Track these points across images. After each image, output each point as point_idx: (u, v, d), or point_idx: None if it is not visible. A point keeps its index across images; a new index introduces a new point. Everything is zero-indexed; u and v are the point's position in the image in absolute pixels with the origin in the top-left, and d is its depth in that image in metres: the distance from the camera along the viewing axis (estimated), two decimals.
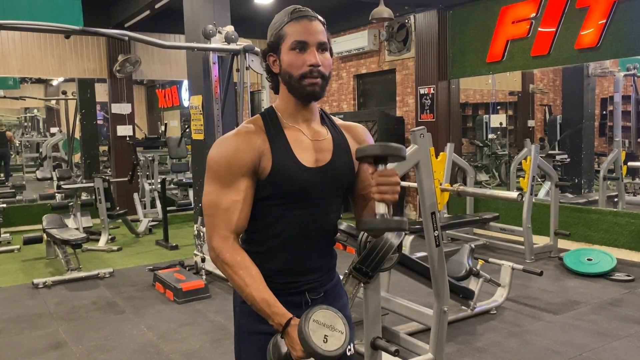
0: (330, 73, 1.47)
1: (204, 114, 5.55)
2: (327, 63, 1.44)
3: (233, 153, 1.41)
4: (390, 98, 8.54)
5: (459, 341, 3.71)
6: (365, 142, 1.57)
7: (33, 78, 11.63)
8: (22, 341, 3.91)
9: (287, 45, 1.42)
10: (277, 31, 1.44)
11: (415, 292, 4.36)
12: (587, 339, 3.70)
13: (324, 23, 1.46)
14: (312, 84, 1.42)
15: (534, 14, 6.30)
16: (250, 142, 1.42)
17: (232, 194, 1.40)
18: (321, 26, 1.44)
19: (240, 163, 1.40)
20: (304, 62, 1.41)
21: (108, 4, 8.17)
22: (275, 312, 1.36)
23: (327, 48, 1.45)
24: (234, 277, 1.39)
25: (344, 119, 2.07)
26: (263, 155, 1.42)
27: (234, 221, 1.40)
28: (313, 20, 1.43)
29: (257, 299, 1.37)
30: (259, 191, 1.43)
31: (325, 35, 1.44)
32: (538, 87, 9.57)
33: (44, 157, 11.38)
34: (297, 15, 1.42)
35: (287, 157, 1.42)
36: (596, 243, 5.90)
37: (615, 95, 7.21)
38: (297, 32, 1.41)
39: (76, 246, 5.43)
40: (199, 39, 5.36)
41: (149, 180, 8.76)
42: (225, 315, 4.28)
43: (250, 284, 1.38)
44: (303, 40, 1.40)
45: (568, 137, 8.17)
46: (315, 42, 1.41)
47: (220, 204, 1.40)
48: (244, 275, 1.38)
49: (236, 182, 1.40)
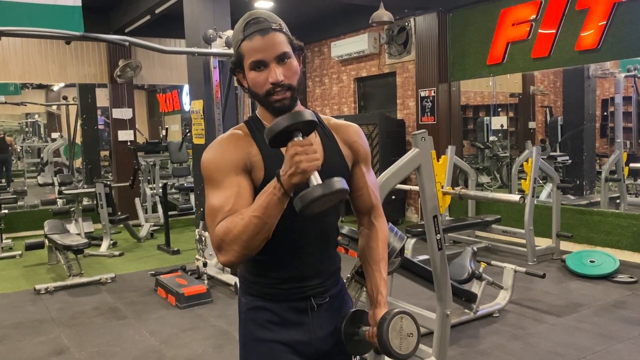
0: (300, 77, 1.41)
1: (205, 118, 5.55)
2: (292, 72, 1.39)
3: (220, 154, 1.40)
4: (391, 101, 8.54)
5: (462, 344, 3.70)
6: (357, 143, 1.55)
7: (34, 84, 11.68)
8: (24, 347, 3.91)
9: (247, 65, 1.38)
10: (237, 49, 1.40)
11: (418, 295, 4.35)
12: (590, 342, 3.69)
13: (280, 29, 1.38)
14: (278, 99, 1.38)
15: (534, 16, 6.30)
16: (237, 143, 1.41)
17: (225, 192, 1.37)
18: (278, 36, 1.36)
19: (228, 162, 1.38)
20: (265, 80, 1.36)
21: (108, 10, 8.19)
22: (264, 191, 1.28)
23: (289, 56, 1.38)
24: (236, 227, 1.30)
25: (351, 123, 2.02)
26: (254, 160, 1.40)
27: (227, 209, 1.35)
28: (267, 33, 1.35)
29: (256, 213, 1.28)
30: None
31: (284, 44, 1.37)
32: (539, 88, 9.57)
33: (45, 163, 11.41)
34: (250, 31, 1.36)
35: (278, 162, 1.36)
36: (598, 245, 5.89)
37: (616, 96, 7.21)
38: (253, 51, 1.36)
39: (78, 251, 5.43)
40: (200, 44, 5.37)
41: (151, 185, 8.76)
42: (227, 320, 4.27)
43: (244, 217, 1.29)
44: (259, 59, 1.36)
45: (569, 139, 8.16)
46: (272, 57, 1.36)
47: (216, 203, 1.38)
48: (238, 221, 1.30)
49: (227, 180, 1.38)
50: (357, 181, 1.56)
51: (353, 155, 1.54)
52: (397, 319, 1.40)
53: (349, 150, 1.53)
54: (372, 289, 1.53)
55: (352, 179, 1.55)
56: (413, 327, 1.42)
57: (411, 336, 1.41)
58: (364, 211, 1.61)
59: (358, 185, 1.56)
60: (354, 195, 1.58)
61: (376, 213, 1.61)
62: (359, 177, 1.56)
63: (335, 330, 1.52)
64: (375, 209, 1.61)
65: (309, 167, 1.22)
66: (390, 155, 7.57)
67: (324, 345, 1.51)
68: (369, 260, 1.57)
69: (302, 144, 1.23)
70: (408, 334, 1.41)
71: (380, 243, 1.58)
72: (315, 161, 1.23)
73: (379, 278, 1.53)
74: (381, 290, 1.52)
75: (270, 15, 1.40)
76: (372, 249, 1.57)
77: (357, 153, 1.55)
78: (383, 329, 1.39)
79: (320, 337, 1.51)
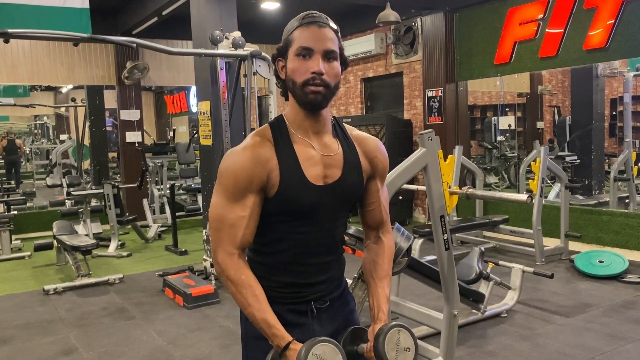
0: (338, 84, 1.43)
1: (212, 119, 5.57)
2: (334, 72, 1.40)
3: (241, 169, 1.38)
4: (398, 101, 8.53)
5: (470, 345, 3.69)
6: (377, 158, 1.54)
7: (43, 86, 11.74)
8: (33, 347, 3.93)
9: (293, 51, 1.39)
10: (287, 36, 1.41)
11: (425, 295, 4.34)
12: (599, 342, 3.67)
13: (336, 31, 1.41)
14: (314, 92, 1.38)
15: (541, 15, 6.28)
16: (259, 158, 1.39)
17: (239, 209, 1.38)
18: (332, 34, 1.39)
19: (248, 179, 1.38)
20: (307, 69, 1.37)
21: (116, 12, 8.23)
22: (275, 334, 1.35)
23: (335, 57, 1.40)
24: (237, 295, 1.39)
25: (351, 123, 2.05)
26: (271, 172, 1.39)
27: (239, 237, 1.39)
28: (323, 27, 1.38)
29: (259, 320, 1.36)
30: (267, 207, 1.42)
31: (335, 44, 1.39)
32: (547, 88, 9.53)
33: (53, 164, 11.47)
34: (307, 20, 1.38)
35: (294, 175, 1.38)
36: (607, 245, 5.85)
37: (625, 95, 7.16)
38: (304, 38, 1.37)
39: (86, 252, 5.46)
40: (207, 45, 5.39)
41: (158, 186, 8.79)
42: (234, 320, 4.28)
43: (252, 304, 1.37)
44: (308, 46, 1.37)
45: (577, 138, 8.12)
46: (321, 49, 1.37)
47: (226, 218, 1.39)
48: (247, 294, 1.37)
49: (243, 197, 1.38)
50: (371, 196, 1.56)
51: (371, 169, 1.54)
52: (395, 331, 1.39)
53: (367, 164, 1.53)
54: (374, 304, 1.52)
55: (366, 193, 1.55)
56: (410, 341, 1.41)
57: (408, 351, 1.40)
58: (373, 226, 1.61)
59: (371, 200, 1.56)
60: (365, 210, 1.58)
61: (385, 229, 1.61)
62: (372, 192, 1.56)
63: (336, 330, 1.51)
64: (385, 224, 1.61)
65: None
66: (397, 155, 7.48)
67: None
68: (374, 276, 1.56)
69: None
70: (405, 348, 1.40)
71: (386, 260, 1.58)
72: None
73: (382, 295, 1.53)
74: (382, 307, 1.51)
75: (328, 18, 1.42)
76: (378, 265, 1.57)
77: (375, 168, 1.55)
78: (379, 340, 1.38)
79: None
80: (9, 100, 12.07)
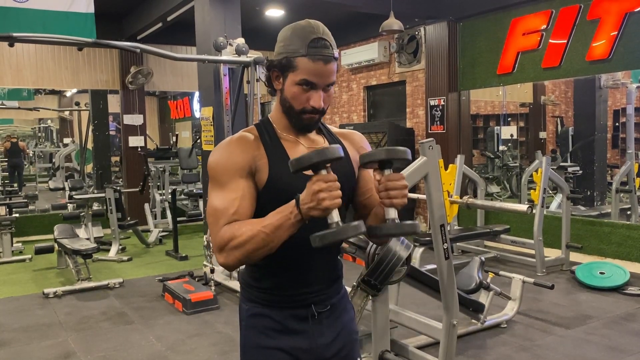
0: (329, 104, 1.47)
1: (215, 125, 5.59)
2: (329, 99, 1.44)
3: (227, 155, 1.41)
4: (401, 109, 8.54)
5: (469, 355, 3.67)
6: (363, 149, 1.57)
7: (47, 89, 11.82)
8: (31, 351, 3.93)
9: (295, 78, 1.39)
10: (289, 56, 1.39)
11: (425, 305, 4.33)
12: (599, 354, 3.65)
13: (336, 58, 1.43)
14: (309, 119, 1.43)
15: (544, 26, 6.29)
16: (244, 146, 1.42)
17: (230, 194, 1.38)
18: (334, 65, 1.41)
19: (235, 165, 1.39)
20: (307, 99, 1.40)
21: (120, 17, 8.28)
22: (280, 211, 1.29)
23: (334, 84, 1.44)
24: (243, 242, 1.31)
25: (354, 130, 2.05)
26: (259, 163, 1.41)
27: (232, 212, 1.36)
28: (329, 62, 1.38)
29: (266, 230, 1.29)
30: (260, 200, 1.42)
31: (334, 74, 1.42)
32: (549, 98, 9.54)
33: (56, 168, 11.51)
34: (314, 53, 1.37)
35: (283, 165, 1.37)
36: (609, 256, 5.83)
37: (627, 107, 7.18)
38: (309, 72, 1.38)
39: (87, 256, 5.46)
40: (210, 51, 5.42)
41: (160, 190, 8.81)
42: (234, 326, 4.27)
43: (253, 229, 1.31)
44: (313, 82, 1.39)
45: (580, 149, 8.11)
46: (323, 84, 1.40)
47: (219, 205, 1.38)
48: (245, 231, 1.31)
49: (232, 182, 1.39)
50: (366, 183, 1.56)
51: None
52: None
53: (356, 155, 1.53)
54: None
55: (360, 182, 1.56)
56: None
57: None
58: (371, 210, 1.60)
59: (366, 187, 1.56)
60: (361, 199, 1.57)
61: None
62: (367, 180, 1.56)
63: (337, 337, 1.51)
64: None
65: (331, 205, 1.23)
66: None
67: (325, 353, 1.51)
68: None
69: (327, 180, 1.24)
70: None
71: None
72: (337, 199, 1.24)
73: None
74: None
75: (332, 39, 1.41)
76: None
77: None
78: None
79: (321, 345, 1.51)
80: (14, 103, 12.13)
